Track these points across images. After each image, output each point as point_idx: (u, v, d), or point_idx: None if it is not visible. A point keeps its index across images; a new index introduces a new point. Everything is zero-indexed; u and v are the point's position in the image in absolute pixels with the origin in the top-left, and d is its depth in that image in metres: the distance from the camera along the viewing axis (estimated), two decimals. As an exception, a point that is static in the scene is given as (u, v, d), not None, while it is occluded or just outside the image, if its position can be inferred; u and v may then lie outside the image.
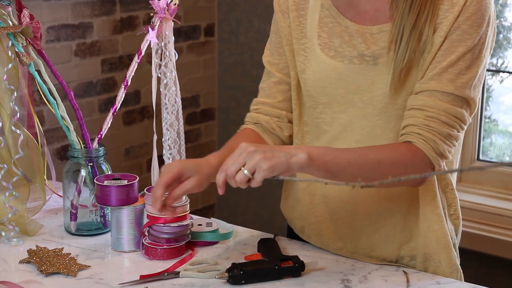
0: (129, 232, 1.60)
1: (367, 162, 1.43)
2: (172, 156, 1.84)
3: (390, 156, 1.44)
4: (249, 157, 1.36)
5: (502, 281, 2.85)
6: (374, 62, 1.50)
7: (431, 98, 1.45)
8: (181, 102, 1.82)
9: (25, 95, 1.70)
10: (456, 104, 1.45)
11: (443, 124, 1.45)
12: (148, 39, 1.72)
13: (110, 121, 1.72)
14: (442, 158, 1.46)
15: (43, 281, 1.46)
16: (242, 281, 1.45)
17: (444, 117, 1.45)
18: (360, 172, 1.41)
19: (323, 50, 1.55)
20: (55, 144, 2.90)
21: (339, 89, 1.53)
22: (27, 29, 1.60)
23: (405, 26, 1.45)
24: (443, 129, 1.45)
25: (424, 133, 1.45)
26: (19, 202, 1.68)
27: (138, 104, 3.24)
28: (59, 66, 2.85)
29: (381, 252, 1.58)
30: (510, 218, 2.86)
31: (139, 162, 3.29)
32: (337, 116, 1.55)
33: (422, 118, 1.45)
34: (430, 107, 1.45)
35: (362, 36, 1.51)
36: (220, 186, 1.41)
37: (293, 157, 1.37)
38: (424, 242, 1.55)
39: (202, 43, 3.48)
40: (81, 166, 1.69)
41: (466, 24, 1.44)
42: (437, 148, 1.45)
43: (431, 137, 1.44)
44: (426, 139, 1.44)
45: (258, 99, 1.69)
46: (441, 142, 1.45)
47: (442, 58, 1.45)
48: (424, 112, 1.45)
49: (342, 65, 1.52)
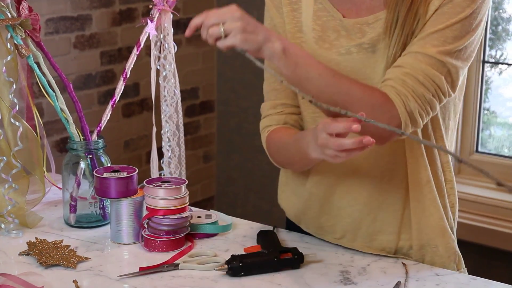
0: (128, 224, 1.60)
1: (337, 84, 1.40)
2: (171, 148, 1.84)
3: (362, 91, 1.41)
4: (231, 20, 1.36)
5: (502, 272, 2.86)
6: (373, 49, 1.49)
7: (411, 58, 1.43)
8: (180, 94, 1.82)
9: (24, 88, 1.70)
10: (436, 68, 1.42)
11: (419, 83, 1.42)
12: (147, 31, 1.72)
13: (109, 113, 1.72)
14: (412, 120, 1.42)
15: (42, 273, 1.47)
16: (241, 273, 1.45)
17: (422, 77, 1.42)
18: (326, 90, 1.39)
19: (317, 42, 1.53)
20: (54, 136, 2.90)
21: None
22: (26, 21, 1.59)
23: (400, 10, 1.44)
24: (418, 88, 1.42)
25: (398, 87, 1.42)
26: (18, 194, 1.68)
27: (137, 97, 3.24)
28: (58, 58, 2.85)
29: (380, 241, 1.58)
30: (509, 210, 2.86)
31: (138, 154, 3.29)
32: None
33: (399, 73, 1.42)
34: (408, 65, 1.42)
35: (360, 30, 1.50)
36: (191, 27, 1.40)
37: (269, 43, 1.37)
38: (419, 228, 1.55)
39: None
40: (81, 158, 1.69)
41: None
42: (408, 105, 1.41)
43: (404, 92, 1.41)
44: (399, 93, 1.41)
45: (276, 101, 1.63)
46: (413, 100, 1.41)
47: (430, 25, 1.43)
48: (402, 69, 1.43)
49: (339, 56, 1.51)
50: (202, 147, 3.59)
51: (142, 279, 1.45)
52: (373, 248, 1.58)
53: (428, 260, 1.57)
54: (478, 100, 3.00)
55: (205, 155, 3.61)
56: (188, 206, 1.59)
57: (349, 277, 1.47)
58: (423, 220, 1.55)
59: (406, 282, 1.45)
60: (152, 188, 1.56)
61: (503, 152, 3.08)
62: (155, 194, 1.56)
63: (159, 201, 1.55)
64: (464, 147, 3.02)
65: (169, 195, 1.55)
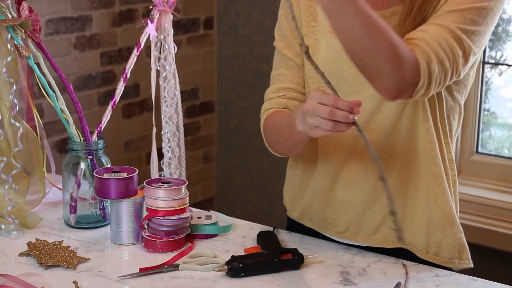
0: (128, 225, 1.60)
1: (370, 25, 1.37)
2: (171, 149, 1.84)
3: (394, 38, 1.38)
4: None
5: (501, 273, 2.86)
6: None
7: (433, 27, 1.43)
8: (180, 95, 1.82)
9: (24, 88, 1.70)
10: (456, 41, 1.43)
11: (441, 49, 1.42)
12: (147, 32, 1.72)
13: (109, 114, 1.72)
14: (429, 82, 1.42)
15: (42, 274, 1.47)
16: (241, 274, 1.45)
17: (444, 44, 1.42)
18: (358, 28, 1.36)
19: (332, 31, 1.53)
20: (54, 137, 2.90)
21: (350, 70, 1.53)
22: (26, 22, 1.59)
23: (415, 3, 1.47)
24: (440, 53, 1.42)
25: (423, 46, 1.42)
26: (18, 195, 1.68)
27: (138, 97, 3.24)
28: (58, 59, 2.85)
29: (383, 233, 1.59)
30: (509, 211, 2.86)
31: (138, 155, 3.29)
32: (348, 98, 1.54)
33: (424, 35, 1.43)
34: (432, 31, 1.43)
35: None
36: None
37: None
38: (429, 217, 1.57)
39: (201, 36, 3.47)
40: (81, 159, 1.69)
41: None
42: (430, 64, 1.41)
43: (428, 52, 1.42)
44: (423, 52, 1.41)
45: (280, 85, 1.65)
46: (435, 62, 1.42)
47: (450, 4, 1.45)
48: (425, 33, 1.43)
49: None
50: (202, 147, 3.59)
51: (142, 280, 1.45)
52: (376, 241, 1.59)
53: (433, 250, 1.58)
54: (478, 101, 3.00)
55: (205, 156, 3.61)
56: (188, 207, 1.59)
57: (349, 277, 1.47)
58: (434, 209, 1.57)
59: (406, 283, 1.45)
60: (152, 188, 1.56)
61: (503, 153, 3.08)
62: (155, 194, 1.56)
63: (159, 201, 1.55)
64: (464, 148, 3.02)
65: (169, 196, 1.55)
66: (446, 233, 1.58)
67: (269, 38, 1.73)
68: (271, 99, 1.65)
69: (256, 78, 3.40)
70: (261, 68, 3.36)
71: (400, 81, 1.40)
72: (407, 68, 1.39)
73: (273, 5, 3.29)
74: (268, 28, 3.29)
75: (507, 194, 2.92)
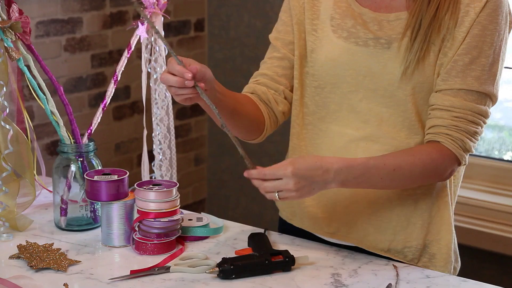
0: (119, 227, 1.60)
1: (400, 175, 1.49)
2: (162, 151, 1.84)
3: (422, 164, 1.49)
4: (285, 183, 1.42)
5: (492, 274, 2.87)
6: (388, 46, 1.52)
7: (457, 98, 1.50)
8: (171, 97, 1.81)
9: (14, 90, 1.69)
10: (480, 102, 1.50)
11: (469, 123, 1.50)
12: (138, 34, 1.72)
13: (100, 116, 1.72)
14: (467, 154, 1.53)
15: (33, 277, 1.46)
16: (232, 276, 1.45)
17: (471, 116, 1.50)
18: (392, 183, 1.50)
19: (335, 31, 1.58)
20: (44, 139, 2.90)
21: (349, 70, 1.56)
22: (16, 24, 1.59)
23: (424, 17, 1.49)
24: (469, 128, 1.50)
25: (452, 133, 1.50)
26: (9, 198, 1.67)
27: (128, 99, 3.24)
28: (49, 61, 2.84)
29: (374, 237, 1.60)
30: (499, 212, 2.87)
31: (129, 157, 3.28)
32: (347, 97, 1.58)
33: (450, 119, 1.50)
34: (457, 108, 1.50)
35: (379, 24, 1.54)
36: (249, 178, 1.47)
37: (326, 187, 1.46)
38: (428, 228, 1.59)
39: (192, 38, 3.47)
40: (71, 161, 1.68)
41: (487, 20, 1.48)
42: (464, 146, 1.51)
43: (459, 136, 1.50)
44: (455, 139, 1.50)
45: (259, 71, 1.70)
46: (468, 140, 1.51)
47: (464, 52, 1.49)
48: (451, 113, 1.50)
49: (356, 46, 1.55)
50: (193, 149, 3.59)
51: (133, 282, 1.45)
52: (367, 246, 1.59)
53: (424, 261, 1.60)
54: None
55: (196, 158, 3.61)
56: (179, 209, 1.59)
57: (340, 279, 1.47)
58: (435, 219, 1.59)
59: (397, 284, 1.45)
60: (143, 191, 1.56)
61: (494, 154, 3.09)
62: (146, 197, 1.56)
63: (150, 204, 1.55)
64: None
65: (160, 198, 1.55)
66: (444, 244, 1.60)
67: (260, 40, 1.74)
68: (247, 84, 1.70)
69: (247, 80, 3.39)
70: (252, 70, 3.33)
71: (447, 176, 1.54)
72: (445, 167, 1.51)
73: (264, 8, 3.30)
74: (259, 30, 3.30)
75: (497, 195, 2.93)
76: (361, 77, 1.55)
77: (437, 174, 1.52)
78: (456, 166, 1.53)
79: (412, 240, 1.59)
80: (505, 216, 2.86)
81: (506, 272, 2.87)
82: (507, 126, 3.15)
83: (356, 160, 1.47)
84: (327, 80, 1.59)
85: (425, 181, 1.54)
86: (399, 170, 1.48)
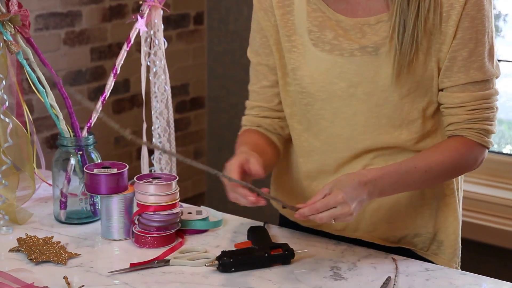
0: (119, 220, 1.60)
1: (432, 175, 1.50)
2: (161, 144, 1.84)
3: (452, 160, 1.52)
4: (343, 216, 1.41)
5: (491, 267, 2.87)
6: (376, 53, 1.49)
7: (465, 93, 1.50)
8: (170, 90, 1.82)
9: (14, 84, 1.69)
10: (487, 87, 1.52)
11: (484, 110, 1.52)
12: (137, 27, 1.72)
13: (99, 109, 1.72)
14: (491, 137, 1.56)
15: (32, 270, 1.46)
16: (232, 269, 1.46)
17: (484, 104, 1.52)
18: (427, 183, 1.53)
19: (316, 45, 1.52)
20: (44, 132, 2.90)
21: (340, 83, 1.51)
22: (15, 17, 1.59)
23: (407, 18, 1.46)
24: (486, 115, 1.52)
25: (473, 126, 1.52)
26: (8, 191, 1.68)
27: (128, 93, 3.24)
28: (48, 54, 2.84)
29: (384, 230, 1.59)
30: (498, 206, 2.88)
31: (128, 151, 3.28)
32: (339, 111, 1.54)
33: (465, 114, 1.51)
34: (468, 102, 1.51)
35: (360, 30, 1.49)
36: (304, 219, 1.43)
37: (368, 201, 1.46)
38: (436, 216, 1.60)
39: (191, 31, 3.47)
40: (71, 155, 1.68)
41: (474, 9, 1.47)
42: (487, 133, 1.53)
43: (480, 126, 1.52)
44: (477, 130, 1.52)
45: (254, 103, 1.67)
46: (488, 126, 1.53)
47: (460, 47, 1.48)
48: (464, 108, 1.51)
49: (342, 58, 1.50)
50: (192, 143, 3.59)
51: (133, 275, 1.45)
52: (375, 238, 1.59)
53: (434, 249, 1.60)
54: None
55: (195, 151, 3.61)
56: (178, 202, 1.59)
57: (339, 272, 1.47)
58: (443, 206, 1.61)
59: (396, 277, 1.45)
60: (142, 184, 1.56)
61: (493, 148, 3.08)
62: (146, 190, 1.56)
63: (149, 197, 1.55)
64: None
65: (159, 191, 1.55)
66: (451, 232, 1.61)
67: (259, 33, 1.72)
68: (247, 115, 1.69)
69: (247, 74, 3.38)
70: (251, 63, 3.36)
71: (478, 164, 1.57)
72: (475, 158, 1.54)
73: (263, 1, 3.29)
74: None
75: (496, 188, 2.93)
76: (352, 89, 1.51)
77: (468, 166, 1.55)
78: (485, 153, 1.56)
79: (421, 229, 1.59)
80: (504, 209, 2.87)
81: (505, 265, 2.88)
82: (506, 120, 3.15)
83: (387, 168, 1.47)
84: (317, 97, 1.54)
85: (458, 175, 1.58)
86: (430, 171, 1.49)
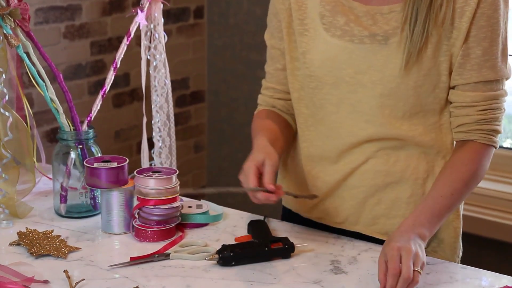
0: (119, 214, 1.60)
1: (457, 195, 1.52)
2: (162, 138, 1.84)
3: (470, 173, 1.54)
4: (416, 263, 1.38)
5: (491, 261, 2.87)
6: (385, 42, 1.50)
7: (476, 92, 1.52)
8: (170, 84, 1.81)
9: (14, 78, 1.69)
10: (498, 87, 1.53)
11: (494, 111, 1.54)
12: (137, 21, 1.71)
13: (99, 103, 1.72)
14: (499, 136, 1.58)
15: (33, 263, 1.47)
16: (232, 263, 1.46)
17: (494, 104, 1.53)
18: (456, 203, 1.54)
19: (328, 30, 1.53)
20: (44, 126, 2.90)
21: (348, 69, 1.53)
22: (15, 11, 1.59)
23: (420, 8, 1.46)
24: (496, 115, 1.54)
25: (483, 127, 1.53)
26: (8, 185, 1.68)
27: (128, 87, 3.23)
28: (48, 48, 2.84)
29: (384, 224, 1.59)
30: (499, 199, 2.88)
31: (129, 145, 3.28)
32: (345, 97, 1.55)
33: (476, 114, 1.53)
34: (479, 102, 1.52)
35: (372, 18, 1.51)
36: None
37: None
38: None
39: (191, 25, 3.46)
40: (71, 149, 1.68)
41: (490, 9, 1.47)
42: (496, 134, 1.55)
43: (490, 127, 1.53)
44: (487, 132, 1.53)
45: (268, 83, 1.69)
46: (497, 126, 1.55)
47: (474, 44, 1.49)
48: (475, 108, 1.52)
49: (352, 45, 1.52)
50: (193, 137, 3.59)
51: (133, 269, 1.45)
52: (375, 232, 1.59)
53: (434, 246, 1.60)
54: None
55: (196, 145, 3.61)
56: (178, 196, 1.59)
57: (339, 266, 1.47)
58: None
59: (396, 271, 1.45)
60: (142, 178, 1.56)
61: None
62: (146, 184, 1.56)
63: (149, 191, 1.55)
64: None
65: (159, 185, 1.55)
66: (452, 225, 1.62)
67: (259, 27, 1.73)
68: (263, 95, 1.71)
69: (247, 67, 3.40)
70: (251, 57, 3.36)
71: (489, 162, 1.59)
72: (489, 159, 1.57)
73: (264, -6, 3.29)
74: (259, 17, 3.29)
75: (496, 182, 2.93)
76: (360, 75, 1.52)
77: (485, 170, 1.58)
78: (493, 152, 1.58)
79: None
80: (505, 203, 2.87)
81: (505, 259, 2.88)
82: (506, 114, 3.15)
83: (416, 209, 1.48)
84: (325, 81, 1.55)
85: (480, 181, 1.59)
86: (456, 192, 1.51)
